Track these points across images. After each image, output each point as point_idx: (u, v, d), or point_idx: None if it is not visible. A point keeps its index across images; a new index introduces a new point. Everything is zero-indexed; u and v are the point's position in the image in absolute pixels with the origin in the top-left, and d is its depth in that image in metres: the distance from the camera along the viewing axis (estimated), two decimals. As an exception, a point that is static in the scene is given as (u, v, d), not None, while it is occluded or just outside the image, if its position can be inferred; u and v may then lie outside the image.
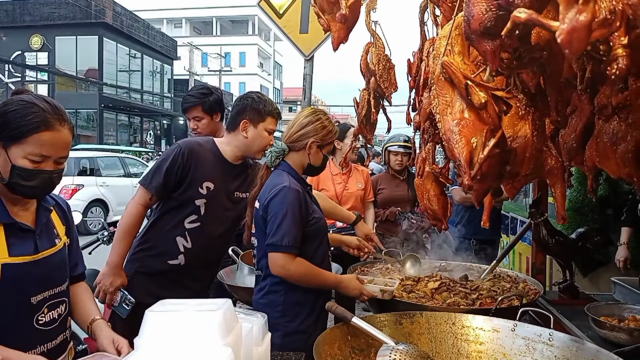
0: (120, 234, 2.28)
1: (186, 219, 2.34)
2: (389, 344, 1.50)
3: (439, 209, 2.01)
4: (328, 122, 2.21)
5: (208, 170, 2.35)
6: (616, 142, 1.28)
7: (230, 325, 1.18)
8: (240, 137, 2.39)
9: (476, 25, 0.76)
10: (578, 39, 0.61)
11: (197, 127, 2.97)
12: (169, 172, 2.28)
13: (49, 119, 1.41)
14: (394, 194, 4.21)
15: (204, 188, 2.33)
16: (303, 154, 2.17)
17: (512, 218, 4.47)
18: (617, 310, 2.24)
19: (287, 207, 2.01)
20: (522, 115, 1.20)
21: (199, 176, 2.32)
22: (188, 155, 2.30)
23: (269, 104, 2.42)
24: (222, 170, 2.41)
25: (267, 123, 2.38)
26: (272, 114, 2.41)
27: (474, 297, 2.35)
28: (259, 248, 2.17)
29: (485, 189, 0.90)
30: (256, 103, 2.38)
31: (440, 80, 0.94)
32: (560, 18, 0.62)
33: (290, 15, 4.01)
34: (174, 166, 2.28)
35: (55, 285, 1.53)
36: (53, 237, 1.56)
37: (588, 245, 2.63)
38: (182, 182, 2.30)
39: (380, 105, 2.70)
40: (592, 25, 0.60)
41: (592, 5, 0.59)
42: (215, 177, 2.37)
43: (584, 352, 1.53)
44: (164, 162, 2.31)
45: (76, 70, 25.16)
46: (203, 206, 2.35)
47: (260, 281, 2.17)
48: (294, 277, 2.03)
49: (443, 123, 0.94)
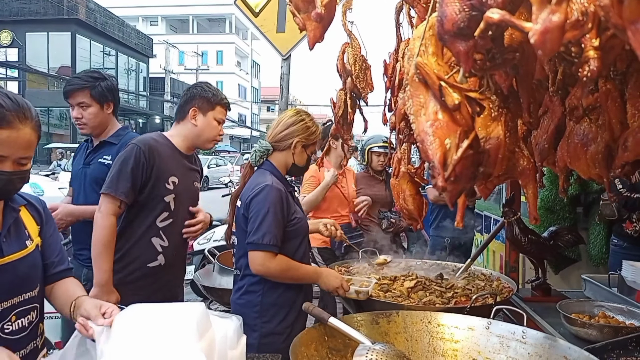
0: (99, 251, 2.15)
1: (158, 218, 2.28)
2: (366, 344, 1.50)
3: (415, 208, 2.02)
4: (312, 123, 2.22)
5: (170, 164, 2.31)
6: (586, 143, 1.30)
7: (203, 329, 1.17)
8: (189, 125, 2.35)
9: (449, 25, 0.76)
10: (551, 40, 0.61)
11: (82, 116, 2.53)
12: (135, 174, 2.19)
13: (6, 116, 1.31)
14: (373, 193, 4.23)
15: (170, 183, 2.29)
16: (288, 153, 2.18)
17: (486, 217, 4.53)
18: (588, 307, 2.28)
19: (268, 206, 2.01)
20: (495, 116, 1.21)
21: (164, 172, 2.27)
22: (149, 152, 2.22)
23: (219, 93, 2.41)
24: (180, 163, 2.38)
25: (216, 112, 2.37)
26: (222, 103, 2.40)
27: (449, 295, 2.38)
28: (239, 247, 2.17)
29: (459, 190, 0.90)
30: (205, 92, 2.37)
31: (414, 81, 0.94)
32: (533, 18, 0.62)
33: (267, 14, 3.98)
34: (138, 166, 2.19)
35: (24, 290, 1.44)
36: (23, 239, 1.47)
37: (559, 244, 2.68)
38: (148, 182, 2.23)
39: (357, 105, 2.69)
40: (564, 26, 0.61)
41: (564, 6, 0.60)
42: (177, 171, 2.33)
43: (556, 348, 1.56)
44: (125, 164, 2.19)
45: (48, 67, 24.52)
46: (173, 202, 2.30)
47: (238, 281, 2.16)
48: (275, 274, 2.03)
49: (417, 124, 0.94)
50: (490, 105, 1.23)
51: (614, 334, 1.95)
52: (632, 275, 2.53)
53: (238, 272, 2.18)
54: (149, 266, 2.27)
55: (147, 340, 1.10)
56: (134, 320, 1.13)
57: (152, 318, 1.15)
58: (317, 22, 1.43)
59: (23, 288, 1.45)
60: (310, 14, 1.36)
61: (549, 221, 3.85)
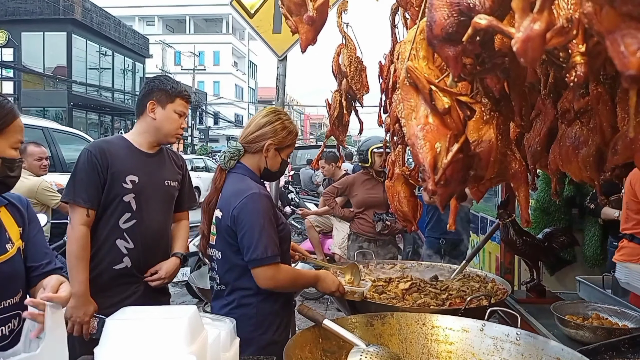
0: (73, 262, 2.13)
1: (120, 220, 2.22)
2: (360, 346, 1.50)
3: (409, 210, 2.02)
4: (289, 123, 2.08)
5: (127, 163, 2.25)
6: (578, 146, 1.31)
7: (196, 332, 1.16)
8: (149, 119, 2.30)
9: (438, 30, 0.76)
10: (533, 48, 0.61)
11: None
12: (91, 178, 2.16)
13: (14, 107, 1.42)
14: (370, 196, 4.24)
15: (128, 182, 2.22)
16: (260, 156, 2.03)
17: (482, 218, 4.55)
18: (582, 308, 2.29)
19: (262, 216, 1.89)
20: (487, 119, 1.21)
21: (119, 171, 2.21)
22: (101, 154, 2.19)
23: (179, 85, 2.34)
24: (142, 161, 2.30)
25: (176, 104, 2.29)
26: (182, 95, 2.32)
27: (444, 297, 2.38)
28: (224, 261, 2.01)
29: (450, 193, 0.90)
30: (163, 84, 2.29)
31: (405, 85, 0.94)
32: (515, 26, 0.62)
33: (263, 14, 3.97)
34: (94, 170, 2.16)
35: (5, 297, 1.40)
36: (3, 243, 1.42)
37: (554, 245, 2.69)
38: (105, 184, 2.19)
39: (352, 107, 2.70)
40: (546, 34, 0.61)
41: (546, 14, 0.60)
42: (137, 170, 2.26)
43: (549, 350, 1.56)
44: (81, 171, 2.18)
45: (44, 67, 24.42)
46: (133, 201, 2.24)
47: (225, 296, 2.02)
48: (285, 285, 1.95)
49: (408, 128, 0.94)
50: (482, 109, 1.23)
51: (607, 335, 1.96)
52: (625, 276, 2.54)
53: (223, 287, 2.03)
54: (115, 268, 2.22)
55: (137, 344, 1.09)
56: (125, 324, 1.13)
57: (143, 321, 1.14)
58: (309, 25, 1.43)
59: (3, 295, 1.40)
60: (302, 16, 1.36)
61: (544, 222, 3.87)
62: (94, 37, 26.49)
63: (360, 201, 4.29)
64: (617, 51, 0.56)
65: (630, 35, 0.54)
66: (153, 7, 44.55)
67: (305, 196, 9.13)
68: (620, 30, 0.55)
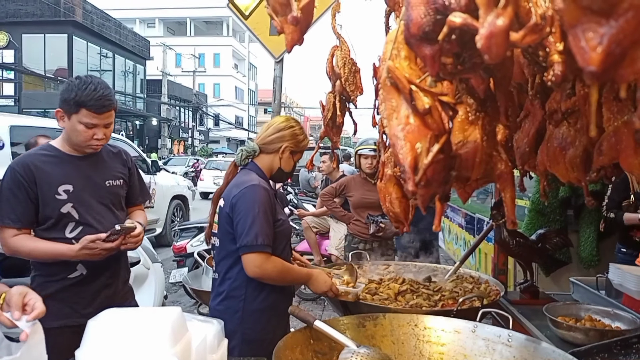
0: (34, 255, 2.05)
1: (66, 230, 2.07)
2: (351, 347, 1.49)
3: (401, 211, 2.01)
4: (300, 132, 2.22)
5: (56, 174, 2.07)
6: (565, 147, 1.30)
7: (179, 334, 1.15)
8: None
9: (415, 29, 0.75)
10: (496, 44, 0.61)
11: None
12: (19, 197, 2.01)
13: None
14: (365, 198, 4.23)
15: (62, 193, 2.06)
16: (275, 156, 2.16)
17: (478, 219, 4.54)
18: (575, 310, 2.28)
19: (258, 206, 1.97)
20: (472, 120, 1.20)
21: (49, 184, 2.05)
22: (25, 170, 2.02)
23: (87, 92, 1.98)
24: (74, 167, 2.12)
25: (80, 115, 2.00)
26: (86, 105, 1.98)
27: (437, 298, 2.37)
28: (220, 248, 2.11)
29: (431, 194, 0.90)
30: (67, 91, 2.00)
31: (386, 84, 0.94)
32: (479, 22, 0.61)
33: (259, 17, 3.97)
34: (20, 188, 2.01)
35: None
36: None
37: (547, 246, 2.69)
38: (37, 199, 2.03)
39: (346, 108, 2.69)
40: (510, 29, 0.60)
41: (510, 10, 0.59)
42: (69, 178, 2.08)
43: (541, 352, 1.55)
44: (6, 190, 2.02)
45: (44, 69, 24.46)
46: (73, 210, 2.07)
47: (217, 286, 2.11)
48: (272, 276, 1.98)
49: (389, 128, 0.93)
50: (467, 109, 1.23)
51: (599, 337, 1.95)
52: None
53: (216, 276, 2.12)
54: (69, 277, 2.09)
55: (119, 346, 1.09)
56: (107, 325, 1.12)
57: (126, 323, 1.14)
58: (294, 26, 1.42)
59: None
60: (287, 17, 1.36)
61: (539, 223, 3.86)
62: (95, 39, 26.57)
63: (357, 202, 4.29)
64: (578, 46, 0.55)
65: (591, 30, 0.53)
66: (154, 10, 44.68)
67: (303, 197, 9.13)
68: (581, 24, 0.54)
